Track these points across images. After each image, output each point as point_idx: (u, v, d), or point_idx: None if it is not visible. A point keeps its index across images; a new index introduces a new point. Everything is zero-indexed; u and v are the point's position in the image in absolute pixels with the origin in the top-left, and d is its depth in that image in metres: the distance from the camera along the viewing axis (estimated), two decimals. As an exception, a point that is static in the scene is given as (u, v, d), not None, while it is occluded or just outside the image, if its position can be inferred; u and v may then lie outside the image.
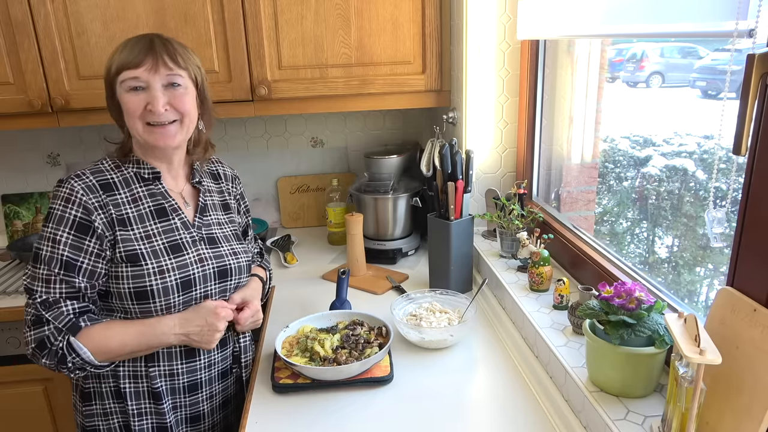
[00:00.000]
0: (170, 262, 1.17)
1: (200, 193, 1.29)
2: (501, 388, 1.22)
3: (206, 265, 1.22)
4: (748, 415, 0.77)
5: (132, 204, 1.18)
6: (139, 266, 1.14)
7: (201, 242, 1.24)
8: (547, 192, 1.79)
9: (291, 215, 2.32)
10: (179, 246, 1.20)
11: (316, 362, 1.25)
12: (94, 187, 1.14)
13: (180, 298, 1.18)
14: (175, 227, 1.21)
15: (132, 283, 1.13)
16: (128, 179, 1.20)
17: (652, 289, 1.14)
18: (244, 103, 1.81)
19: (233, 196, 1.40)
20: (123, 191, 1.18)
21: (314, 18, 1.74)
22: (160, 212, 1.20)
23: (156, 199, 1.21)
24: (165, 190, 1.23)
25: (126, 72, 1.13)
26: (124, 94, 1.14)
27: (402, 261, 1.96)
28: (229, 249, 1.28)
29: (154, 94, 1.13)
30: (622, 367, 0.97)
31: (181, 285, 1.17)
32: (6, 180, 2.20)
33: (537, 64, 1.67)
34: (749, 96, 0.73)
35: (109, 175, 1.18)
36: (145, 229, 1.17)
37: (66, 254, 1.10)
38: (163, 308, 1.16)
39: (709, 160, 1.24)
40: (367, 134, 2.30)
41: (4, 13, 1.64)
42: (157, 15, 1.69)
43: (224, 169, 1.41)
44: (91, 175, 1.16)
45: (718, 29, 0.82)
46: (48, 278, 1.10)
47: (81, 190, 1.12)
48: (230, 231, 1.33)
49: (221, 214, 1.33)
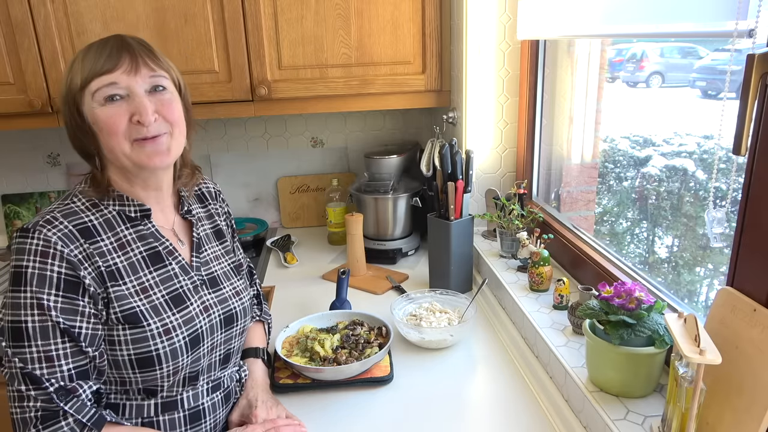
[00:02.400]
0: (175, 319, 0.98)
1: (193, 227, 1.10)
2: (501, 388, 1.22)
3: (212, 314, 1.05)
4: (747, 415, 0.77)
5: (120, 251, 0.96)
6: (141, 328, 0.94)
7: (203, 287, 1.06)
8: (547, 192, 1.79)
9: (291, 215, 2.32)
10: (181, 297, 1.01)
11: (316, 362, 1.25)
12: (72, 236, 0.91)
13: (188, 359, 1.00)
14: (173, 274, 1.02)
15: (133, 348, 0.94)
16: (110, 220, 0.97)
17: (652, 289, 1.14)
18: (244, 103, 1.81)
19: (222, 217, 1.21)
20: (106, 236, 0.95)
21: (314, 18, 1.74)
22: (154, 258, 1.00)
23: (147, 242, 1.00)
24: (156, 229, 1.02)
25: (99, 79, 0.90)
26: (98, 108, 0.91)
27: (402, 261, 1.96)
28: (232, 289, 1.11)
29: (139, 101, 0.92)
30: (622, 367, 0.97)
31: (189, 343, 0.99)
32: (6, 180, 2.20)
33: (537, 64, 1.67)
34: (749, 96, 0.73)
35: (86, 216, 0.95)
36: (140, 281, 0.97)
37: (61, 321, 0.88)
38: (170, 373, 0.98)
39: (709, 160, 1.24)
40: (367, 134, 2.30)
41: (4, 13, 1.64)
42: (157, 15, 1.69)
43: (207, 186, 1.22)
44: (65, 220, 0.92)
45: (718, 29, 0.82)
46: (48, 355, 0.87)
47: (59, 241, 0.89)
48: (228, 265, 1.15)
49: (216, 245, 1.15)
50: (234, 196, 2.29)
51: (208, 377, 1.07)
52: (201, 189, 1.20)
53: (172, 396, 1.02)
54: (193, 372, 1.03)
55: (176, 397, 1.02)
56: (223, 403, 1.10)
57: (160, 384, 0.99)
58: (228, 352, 1.11)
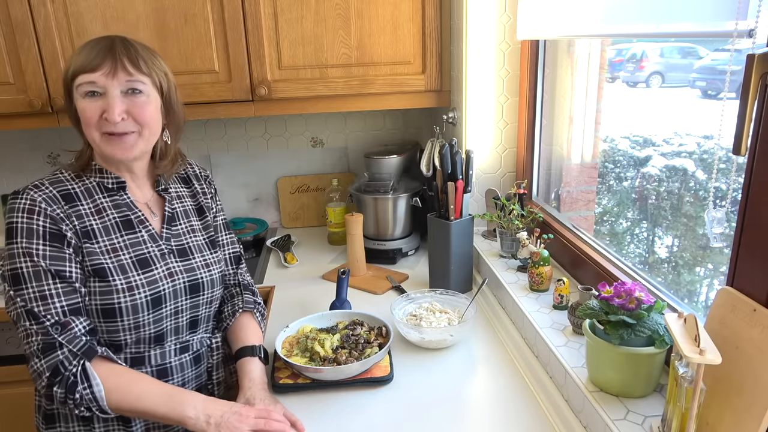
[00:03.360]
0: (139, 278, 1.09)
1: (166, 202, 1.21)
2: (501, 388, 1.22)
3: (176, 280, 1.15)
4: (748, 415, 0.77)
5: (96, 215, 1.10)
6: (107, 282, 1.06)
7: (170, 255, 1.17)
8: (547, 192, 1.79)
9: (291, 215, 2.32)
10: (147, 260, 1.12)
11: (316, 362, 1.25)
12: (56, 198, 1.06)
13: (150, 317, 1.11)
14: (142, 240, 1.14)
15: (100, 299, 1.06)
16: (90, 189, 1.12)
17: (652, 289, 1.14)
18: (244, 103, 1.81)
19: (208, 195, 1.31)
20: (86, 202, 1.10)
21: (314, 18, 1.74)
22: (126, 224, 1.13)
23: (121, 211, 1.13)
24: (131, 200, 1.15)
25: (82, 76, 1.04)
26: (80, 100, 1.05)
27: (402, 261, 1.96)
28: (201, 260, 1.21)
29: (110, 101, 1.04)
30: (622, 367, 0.97)
31: (151, 302, 1.10)
32: (6, 180, 2.20)
33: (537, 64, 1.67)
34: (749, 96, 0.73)
35: (69, 185, 1.10)
36: (111, 243, 1.10)
37: (50, 266, 1.02)
38: (131, 327, 1.09)
39: (709, 160, 1.24)
40: (367, 134, 2.30)
41: (4, 13, 1.64)
42: (157, 15, 1.69)
43: (195, 171, 1.33)
44: (51, 186, 1.07)
45: (718, 29, 0.82)
46: (42, 294, 1.01)
47: (43, 202, 1.04)
48: (203, 239, 1.25)
49: (195, 219, 1.26)
50: (234, 196, 2.29)
51: (176, 339, 1.18)
52: (187, 172, 1.31)
53: (139, 352, 1.13)
54: (159, 332, 1.14)
55: (144, 354, 1.13)
56: (191, 364, 1.20)
57: (123, 338, 1.10)
58: (195, 318, 1.20)
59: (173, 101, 1.16)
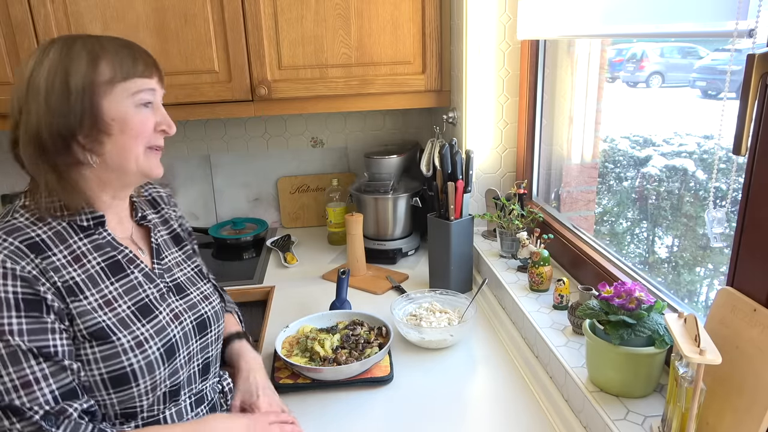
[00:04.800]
0: (145, 330, 0.92)
1: (150, 232, 1.06)
2: (501, 388, 1.23)
3: (184, 321, 1.00)
4: (748, 415, 0.77)
5: (75, 264, 0.89)
6: (111, 343, 0.87)
7: (170, 293, 1.01)
8: (547, 192, 1.79)
9: (291, 215, 2.32)
10: (148, 306, 0.95)
11: (316, 362, 1.25)
12: (21, 251, 0.83)
13: (165, 372, 0.94)
14: (137, 283, 0.96)
15: (104, 366, 0.87)
16: (61, 232, 0.90)
17: (652, 289, 1.14)
18: (244, 103, 1.81)
19: (176, 221, 1.17)
20: (58, 249, 0.88)
21: (314, 18, 1.74)
22: (114, 268, 0.94)
23: (105, 252, 0.94)
24: (112, 237, 0.96)
25: (140, 81, 0.91)
26: (133, 108, 0.91)
27: (402, 261, 1.96)
28: (200, 294, 1.07)
29: (164, 112, 0.95)
30: (622, 367, 0.97)
31: (165, 354, 0.93)
32: (6, 180, 2.20)
33: (537, 64, 1.67)
34: (749, 96, 0.73)
35: (32, 231, 0.87)
36: (102, 294, 0.90)
37: (29, 344, 0.80)
38: (148, 390, 0.91)
39: (709, 160, 1.25)
40: (367, 134, 2.30)
41: (4, 13, 1.64)
42: (157, 15, 1.69)
43: (157, 191, 1.18)
44: (9, 237, 0.84)
45: (718, 29, 0.82)
46: (25, 381, 0.79)
47: (7, 259, 0.81)
48: (191, 270, 1.11)
49: (175, 250, 1.11)
50: (234, 196, 2.29)
51: (190, 391, 1.02)
52: (151, 194, 1.16)
53: (153, 415, 0.95)
54: (174, 387, 0.97)
55: (158, 416, 0.96)
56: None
57: (138, 404, 0.92)
58: (206, 361, 1.06)
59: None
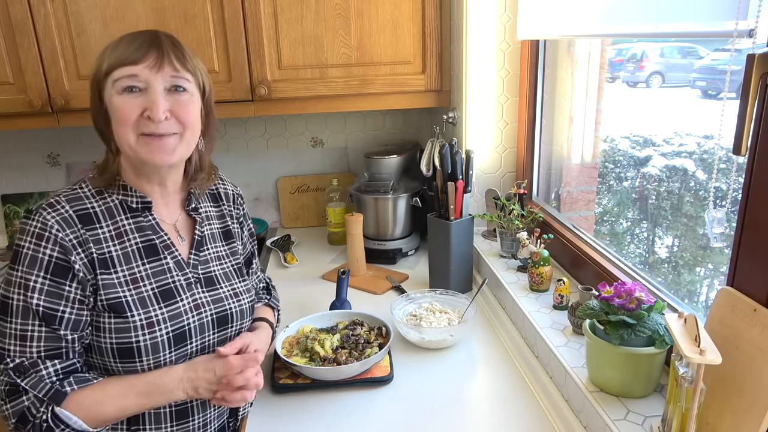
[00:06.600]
0: (160, 312, 0.97)
1: (197, 224, 1.09)
2: (501, 388, 1.22)
3: (203, 312, 1.03)
4: (748, 415, 0.77)
5: (116, 240, 0.98)
6: (125, 318, 0.94)
7: (197, 285, 1.05)
8: (547, 192, 1.79)
9: (291, 215, 2.32)
10: (171, 291, 1.00)
11: (316, 362, 1.25)
12: (71, 220, 0.94)
13: (172, 355, 0.99)
14: (167, 268, 1.01)
15: (115, 337, 0.94)
16: (112, 209, 0.99)
17: (652, 289, 1.14)
18: (244, 103, 1.81)
19: (236, 219, 1.20)
20: (106, 224, 0.97)
21: (314, 18, 1.74)
22: (149, 250, 1.00)
23: (145, 234, 1.01)
24: (156, 222, 1.03)
25: (122, 69, 0.92)
26: (116, 96, 0.93)
27: (402, 261, 1.96)
28: (230, 290, 1.10)
29: (153, 98, 0.93)
30: (622, 367, 0.97)
31: (173, 339, 0.98)
32: (6, 180, 2.20)
33: (537, 64, 1.67)
34: (749, 96, 0.73)
35: (89, 203, 0.97)
36: (131, 272, 0.98)
37: (43, 304, 0.90)
38: (151, 367, 0.97)
39: (709, 160, 1.24)
40: (367, 134, 2.30)
41: (4, 13, 1.64)
42: (157, 15, 1.69)
43: (225, 187, 1.21)
44: (67, 204, 0.95)
45: (718, 29, 0.82)
46: (23, 334, 0.90)
47: (56, 225, 0.92)
48: (231, 266, 1.13)
49: (221, 245, 1.14)
50: (234, 196, 2.29)
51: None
52: (218, 189, 1.20)
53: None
54: None
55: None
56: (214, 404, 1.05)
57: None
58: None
59: (212, 106, 1.06)
